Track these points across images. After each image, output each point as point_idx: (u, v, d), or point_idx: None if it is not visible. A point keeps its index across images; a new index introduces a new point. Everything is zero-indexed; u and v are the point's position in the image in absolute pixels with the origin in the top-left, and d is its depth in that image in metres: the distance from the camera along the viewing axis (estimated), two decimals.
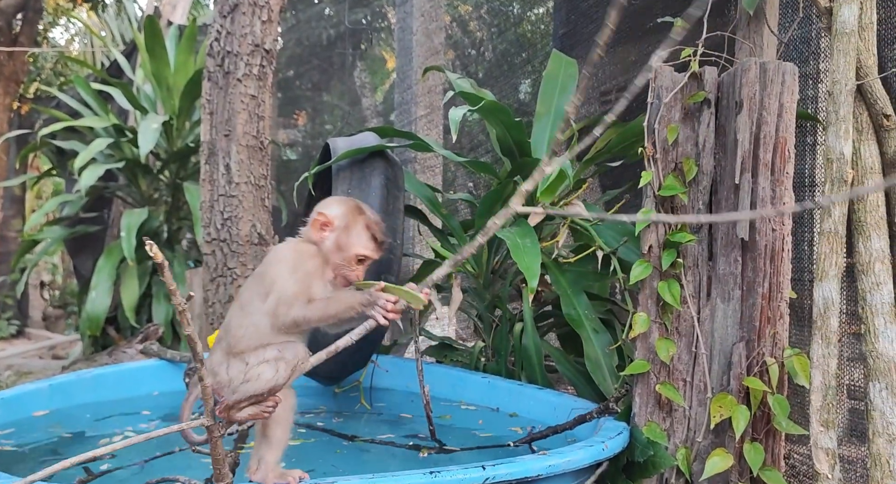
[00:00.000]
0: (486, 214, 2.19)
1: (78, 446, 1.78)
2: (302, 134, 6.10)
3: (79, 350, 4.61)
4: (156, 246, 0.93)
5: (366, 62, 5.57)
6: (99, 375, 2.23)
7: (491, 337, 2.39)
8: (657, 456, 1.46)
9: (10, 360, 5.09)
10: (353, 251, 1.26)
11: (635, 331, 1.58)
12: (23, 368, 4.63)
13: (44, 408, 2.00)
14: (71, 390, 2.11)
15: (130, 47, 5.64)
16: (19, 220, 7.36)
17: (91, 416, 2.06)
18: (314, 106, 5.95)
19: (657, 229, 1.60)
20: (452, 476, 1.22)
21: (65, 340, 6.43)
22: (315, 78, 5.87)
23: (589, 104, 2.77)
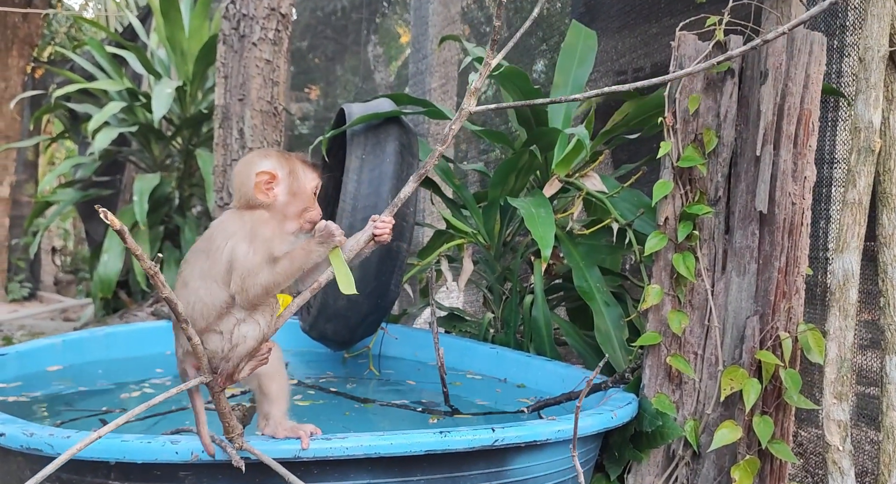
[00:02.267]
0: (501, 184, 2.18)
1: (92, 400, 1.81)
2: (314, 107, 6.07)
3: (90, 313, 4.66)
4: (111, 214, 0.89)
5: (379, 35, 5.51)
6: (111, 333, 2.25)
7: (500, 309, 2.39)
8: (665, 427, 1.46)
9: (23, 321, 5.16)
10: (310, 187, 1.25)
11: (648, 303, 1.57)
12: (35, 328, 4.69)
13: (57, 363, 2.03)
14: (84, 347, 2.14)
15: (145, 11, 5.60)
16: (32, 184, 7.39)
17: (103, 372, 2.08)
18: (327, 80, 5.91)
19: (674, 201, 1.58)
20: (462, 436, 1.23)
21: (76, 303, 6.51)
22: (329, 50, 5.82)
23: (606, 78, 2.73)
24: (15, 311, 5.80)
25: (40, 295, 7.22)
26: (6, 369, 1.82)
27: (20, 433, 1.14)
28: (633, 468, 1.56)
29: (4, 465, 1.25)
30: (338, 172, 2.62)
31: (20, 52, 6.50)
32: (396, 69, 5.39)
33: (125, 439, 1.12)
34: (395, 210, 1.22)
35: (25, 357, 1.91)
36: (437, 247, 2.54)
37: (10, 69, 6.44)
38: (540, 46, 3.59)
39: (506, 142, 2.25)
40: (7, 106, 6.33)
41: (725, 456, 1.46)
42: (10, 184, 6.66)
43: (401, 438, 1.20)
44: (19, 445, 1.14)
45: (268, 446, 1.15)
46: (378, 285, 2.04)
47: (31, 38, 6.58)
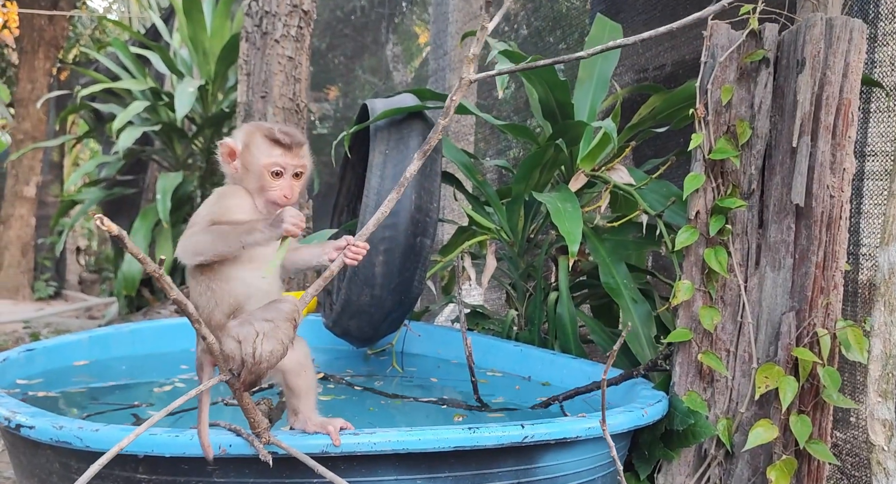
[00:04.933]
0: (525, 180, 2.16)
1: (118, 394, 1.82)
2: (333, 107, 6.08)
3: (114, 311, 4.72)
4: (108, 219, 0.86)
5: (398, 35, 5.51)
6: (136, 329, 2.26)
7: (524, 306, 2.36)
8: (697, 425, 1.42)
9: (49, 318, 5.24)
10: (260, 164, 1.16)
11: (678, 298, 1.54)
12: (60, 326, 4.75)
13: (83, 358, 2.04)
14: (109, 343, 2.15)
15: (168, 12, 5.65)
16: (57, 184, 7.52)
17: (127, 368, 2.09)
18: (346, 80, 5.92)
19: (705, 195, 1.54)
20: (491, 433, 1.20)
21: (100, 302, 6.60)
22: (348, 50, 5.83)
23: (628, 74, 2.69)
24: (41, 309, 5.89)
25: (65, 293, 7.33)
26: (34, 364, 1.83)
27: (50, 426, 1.14)
28: (664, 467, 1.52)
29: (34, 457, 1.26)
30: (360, 169, 2.61)
31: (46, 55, 6.61)
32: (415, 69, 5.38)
33: (153, 433, 1.11)
34: (369, 234, 1.16)
35: (53, 352, 1.92)
36: (460, 244, 2.52)
37: (37, 71, 6.55)
38: (559, 44, 3.55)
39: (530, 136, 2.22)
40: (34, 107, 6.44)
41: (760, 456, 1.42)
42: (36, 184, 6.77)
43: (429, 434, 1.18)
44: (49, 438, 1.14)
45: (295, 441, 1.14)
46: (401, 282, 2.03)
47: (56, 41, 6.68)
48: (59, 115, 6.87)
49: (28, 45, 6.57)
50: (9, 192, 6.69)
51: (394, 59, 5.46)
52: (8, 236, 6.60)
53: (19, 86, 6.67)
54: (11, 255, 6.57)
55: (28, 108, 6.56)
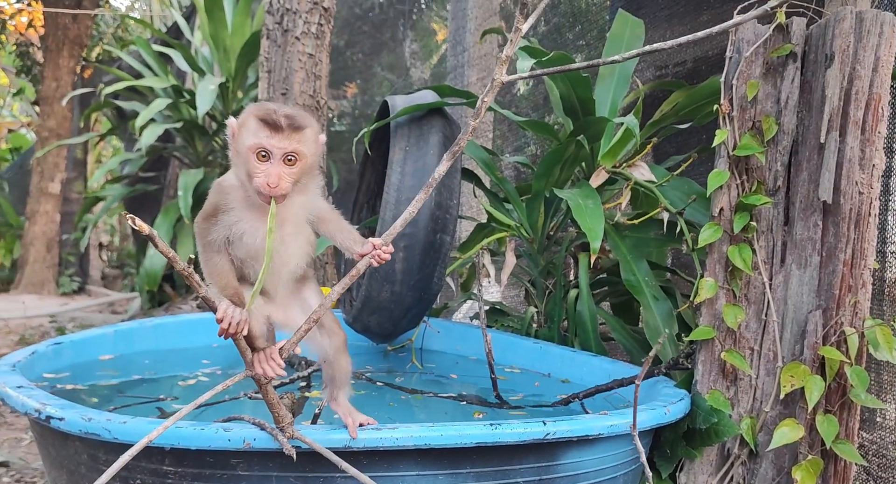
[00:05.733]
0: (545, 176, 2.15)
1: (142, 388, 1.84)
2: (351, 105, 6.10)
3: (136, 306, 4.78)
4: (139, 219, 0.87)
5: (416, 32, 5.51)
6: (159, 324, 2.29)
7: (544, 303, 2.36)
8: (720, 424, 1.41)
9: (73, 313, 5.32)
10: (245, 145, 1.06)
11: (701, 296, 1.52)
12: (85, 321, 4.83)
13: (109, 352, 2.07)
14: (133, 337, 2.18)
15: (190, 10, 5.71)
16: (81, 181, 7.63)
17: (150, 362, 2.12)
18: (364, 77, 5.93)
19: (729, 191, 1.53)
20: (513, 429, 1.20)
21: (122, 296, 6.69)
22: (366, 48, 5.84)
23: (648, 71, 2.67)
24: (65, 304, 5.99)
25: (88, 288, 7.45)
26: (62, 358, 1.86)
27: (79, 418, 1.16)
28: (686, 466, 1.51)
29: (63, 448, 1.28)
30: (380, 165, 2.62)
31: (70, 53, 6.71)
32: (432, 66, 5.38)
33: (179, 426, 1.13)
34: (396, 234, 1.14)
35: (79, 346, 1.95)
36: (479, 240, 2.52)
37: (61, 69, 6.65)
38: (578, 41, 3.53)
39: (550, 133, 2.21)
40: (59, 104, 6.54)
41: (785, 455, 1.40)
42: (60, 180, 6.88)
43: (451, 430, 1.18)
44: (78, 430, 1.16)
45: (318, 436, 1.15)
46: (421, 278, 2.03)
47: (80, 39, 6.78)
48: (83, 112, 6.98)
49: (53, 43, 6.67)
50: (34, 189, 6.80)
51: (412, 56, 5.46)
52: (33, 232, 6.71)
53: (44, 84, 6.77)
54: (37, 250, 6.69)
55: (53, 106, 6.66)
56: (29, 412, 1.24)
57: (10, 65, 8.83)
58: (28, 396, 1.28)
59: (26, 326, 4.51)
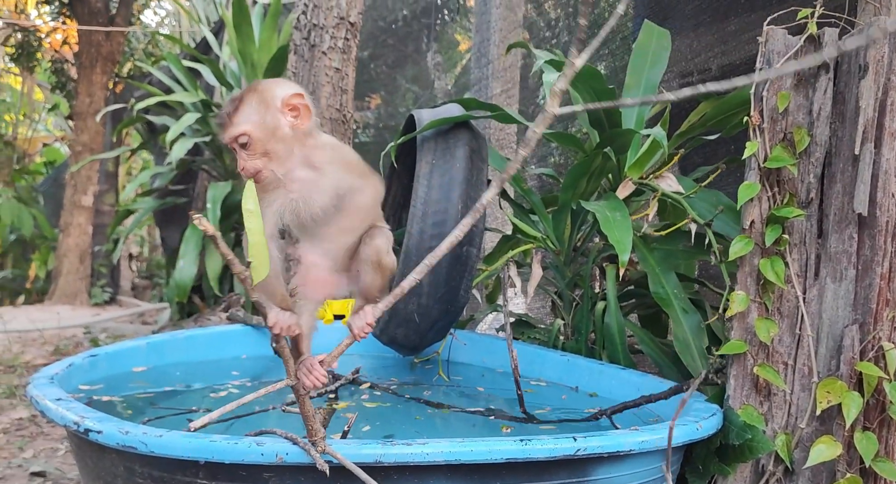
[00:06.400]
0: (572, 188, 2.14)
1: (174, 400, 1.87)
2: (375, 116, 6.16)
3: (166, 316, 4.86)
4: (205, 219, 0.90)
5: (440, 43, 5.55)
6: (191, 336, 2.33)
7: (571, 315, 2.34)
8: (755, 440, 1.39)
9: (105, 324, 5.43)
10: (225, 137, 1.21)
11: (732, 310, 1.50)
12: (116, 331, 4.92)
13: (142, 364, 2.11)
14: (165, 349, 2.21)
15: (218, 25, 5.82)
16: (112, 194, 7.80)
17: (181, 373, 2.15)
18: (388, 89, 5.99)
19: (760, 204, 1.51)
20: (543, 445, 1.20)
21: (152, 307, 6.81)
22: (389, 59, 5.90)
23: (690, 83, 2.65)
24: (97, 314, 6.11)
25: (119, 299, 7.59)
26: (97, 369, 1.90)
27: (116, 431, 1.19)
28: (719, 483, 1.49)
29: (100, 460, 1.31)
30: (406, 179, 2.64)
31: (103, 69, 6.89)
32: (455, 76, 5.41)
33: (213, 440, 1.15)
34: (441, 256, 1.19)
35: (114, 358, 1.99)
36: (504, 252, 2.52)
37: (94, 85, 6.83)
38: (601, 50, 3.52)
39: (576, 144, 2.21)
40: (92, 119, 6.71)
41: (822, 473, 1.37)
42: (93, 193, 7.04)
43: (481, 445, 1.18)
44: (115, 443, 1.19)
45: (349, 450, 1.15)
46: (448, 291, 2.04)
47: (113, 55, 6.95)
48: (114, 126, 7.14)
49: (86, 60, 6.85)
50: (67, 202, 6.97)
51: (435, 67, 5.51)
52: (67, 244, 6.87)
53: (78, 99, 6.95)
54: (70, 262, 6.84)
55: (86, 121, 6.83)
56: (68, 425, 1.27)
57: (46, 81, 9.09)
58: (67, 409, 1.31)
59: (60, 337, 4.61)
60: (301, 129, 1.22)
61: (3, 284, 7.48)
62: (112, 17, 6.92)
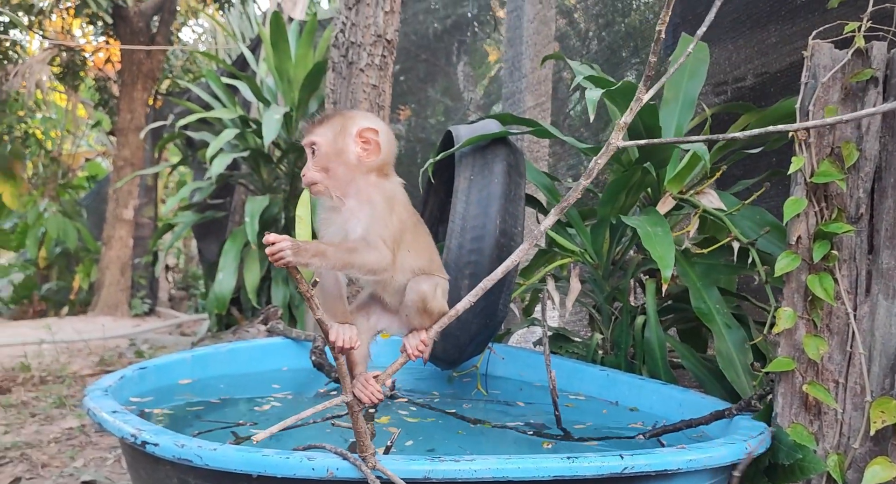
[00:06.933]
0: (611, 202, 2.14)
1: (219, 412, 1.91)
2: (405, 128, 6.22)
3: (205, 328, 4.96)
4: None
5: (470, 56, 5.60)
6: (233, 349, 2.37)
7: (610, 330, 2.33)
8: (805, 460, 1.36)
9: (146, 335, 5.56)
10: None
11: (780, 326, 1.48)
12: (157, 342, 5.04)
13: (187, 377, 2.16)
14: (209, 362, 2.26)
15: (255, 42, 5.96)
16: (151, 207, 8.00)
17: (224, 386, 2.19)
18: (417, 100, 6.05)
19: (807, 219, 1.49)
20: (590, 463, 1.20)
21: (189, 318, 6.95)
22: (420, 72, 5.96)
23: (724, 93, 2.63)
24: (138, 325, 6.26)
25: (158, 310, 7.76)
26: (146, 382, 1.95)
27: (172, 444, 1.22)
28: None
29: (154, 472, 1.34)
30: (442, 193, 2.67)
31: (144, 86, 7.10)
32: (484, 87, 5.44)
33: (266, 454, 1.17)
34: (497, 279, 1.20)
35: (161, 370, 2.04)
36: (540, 266, 2.52)
37: (135, 102, 7.04)
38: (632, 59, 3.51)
39: (615, 159, 2.21)
40: (133, 135, 6.91)
41: None
42: (133, 207, 7.23)
43: (528, 463, 1.19)
44: (171, 455, 1.22)
45: (398, 466, 1.17)
46: (487, 305, 2.05)
47: (153, 73, 7.16)
48: (154, 142, 7.34)
49: (128, 77, 7.07)
50: (110, 216, 7.17)
51: (465, 79, 5.55)
52: (109, 257, 7.06)
53: (120, 115, 7.17)
54: (112, 274, 7.03)
55: (127, 137, 7.04)
56: (125, 437, 1.31)
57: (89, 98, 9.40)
58: (124, 422, 1.35)
59: (104, 348, 4.74)
60: (366, 162, 1.26)
61: (49, 296, 7.71)
62: (153, 36, 7.13)
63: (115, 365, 4.05)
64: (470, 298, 1.18)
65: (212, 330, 4.57)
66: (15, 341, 4.83)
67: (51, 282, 7.82)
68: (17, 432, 2.68)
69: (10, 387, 3.42)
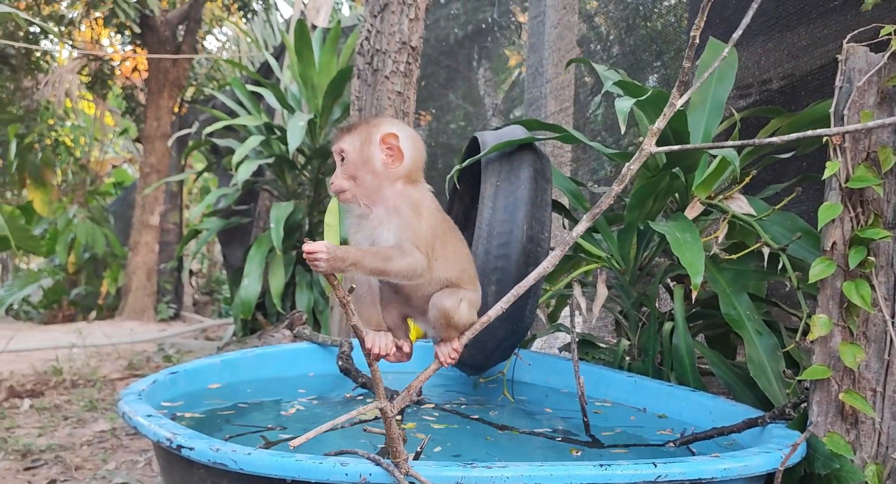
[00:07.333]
0: (638, 208, 2.13)
1: (247, 417, 1.93)
2: (425, 133, 6.24)
3: (230, 333, 5.01)
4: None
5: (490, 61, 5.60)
6: (261, 354, 2.39)
7: (637, 336, 2.31)
8: (843, 470, 1.34)
9: (172, 339, 5.63)
10: None
11: (814, 334, 1.46)
12: (183, 347, 5.10)
13: (217, 381, 2.18)
14: (238, 366, 2.28)
15: (279, 49, 6.03)
16: (176, 213, 8.11)
17: (252, 391, 2.21)
18: (437, 105, 6.07)
19: (842, 225, 1.47)
20: (623, 470, 1.19)
21: (214, 323, 7.02)
22: (441, 77, 5.98)
23: (749, 96, 2.60)
24: (163, 329, 6.35)
25: (183, 315, 7.86)
26: (177, 386, 1.98)
27: (207, 448, 1.24)
28: None
29: (188, 476, 1.36)
30: (467, 199, 2.67)
31: (170, 94, 7.22)
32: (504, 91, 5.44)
33: (299, 459, 1.18)
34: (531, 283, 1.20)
35: (192, 375, 2.07)
36: (565, 272, 2.51)
37: (162, 109, 7.16)
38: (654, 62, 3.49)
39: (643, 164, 2.19)
40: (160, 142, 7.03)
41: None
42: (159, 213, 7.35)
43: (560, 470, 1.18)
44: (206, 459, 1.24)
45: (430, 472, 1.17)
46: (513, 311, 2.03)
47: (179, 81, 7.28)
48: (180, 149, 7.45)
49: (154, 86, 7.20)
50: (136, 222, 7.29)
51: (486, 84, 5.55)
52: (135, 262, 7.18)
53: (146, 123, 7.30)
54: (138, 279, 7.14)
55: (154, 144, 7.16)
56: (160, 440, 1.33)
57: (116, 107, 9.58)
58: (159, 425, 1.37)
59: (132, 352, 4.82)
60: (392, 169, 1.26)
61: (78, 301, 7.85)
62: (179, 45, 7.25)
63: (143, 369, 4.11)
64: (501, 304, 1.19)
65: (237, 335, 4.62)
66: (47, 345, 4.93)
67: (79, 287, 7.96)
68: (51, 435, 2.73)
69: (42, 390, 3.49)
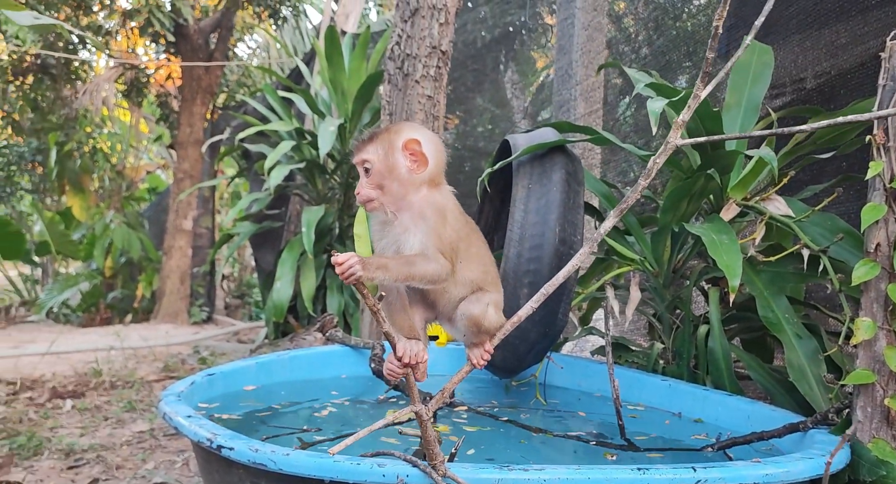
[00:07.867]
0: (672, 210, 2.10)
1: (282, 418, 1.95)
2: (452, 136, 6.25)
3: (262, 336, 5.08)
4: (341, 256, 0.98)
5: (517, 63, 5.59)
6: (294, 356, 2.42)
7: (671, 339, 2.29)
8: (890, 477, 1.31)
9: (206, 342, 5.73)
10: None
11: (858, 337, 1.43)
12: (217, 349, 5.19)
13: (252, 383, 2.22)
14: (273, 369, 2.32)
15: (309, 55, 6.11)
16: (207, 217, 8.25)
17: (285, 393, 2.24)
18: (464, 108, 6.07)
19: (887, 226, 1.43)
20: (662, 475, 1.18)
21: (245, 326, 7.12)
22: (469, 81, 5.99)
23: (783, 95, 2.56)
24: (197, 332, 6.46)
25: (215, 318, 7.98)
26: (214, 388, 2.02)
27: (247, 448, 1.26)
28: None
29: (227, 475, 1.39)
30: (497, 202, 2.67)
31: (202, 101, 7.35)
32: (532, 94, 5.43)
33: (337, 460, 1.20)
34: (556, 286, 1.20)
35: (228, 377, 2.10)
36: (597, 275, 2.50)
37: (195, 116, 7.30)
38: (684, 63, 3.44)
39: (676, 165, 2.17)
40: (193, 148, 7.17)
41: None
42: (192, 218, 7.48)
43: (598, 473, 1.18)
44: (246, 460, 1.26)
45: (467, 474, 1.17)
46: (546, 314, 2.04)
47: (211, 88, 7.42)
48: (211, 154, 7.58)
49: (188, 93, 7.34)
50: (170, 226, 7.43)
51: (513, 87, 5.55)
52: (169, 266, 7.32)
53: (180, 130, 7.44)
54: (172, 283, 7.27)
55: (187, 150, 7.30)
56: (201, 441, 1.36)
57: (151, 114, 9.79)
58: (199, 426, 1.40)
59: (167, 354, 4.91)
60: (416, 174, 1.26)
61: (114, 304, 8.04)
62: (211, 52, 7.39)
63: (179, 371, 4.19)
64: (532, 303, 1.19)
65: (269, 337, 4.68)
66: (87, 347, 5.06)
67: (116, 290, 8.15)
68: (93, 435, 2.80)
69: (83, 391, 3.59)
